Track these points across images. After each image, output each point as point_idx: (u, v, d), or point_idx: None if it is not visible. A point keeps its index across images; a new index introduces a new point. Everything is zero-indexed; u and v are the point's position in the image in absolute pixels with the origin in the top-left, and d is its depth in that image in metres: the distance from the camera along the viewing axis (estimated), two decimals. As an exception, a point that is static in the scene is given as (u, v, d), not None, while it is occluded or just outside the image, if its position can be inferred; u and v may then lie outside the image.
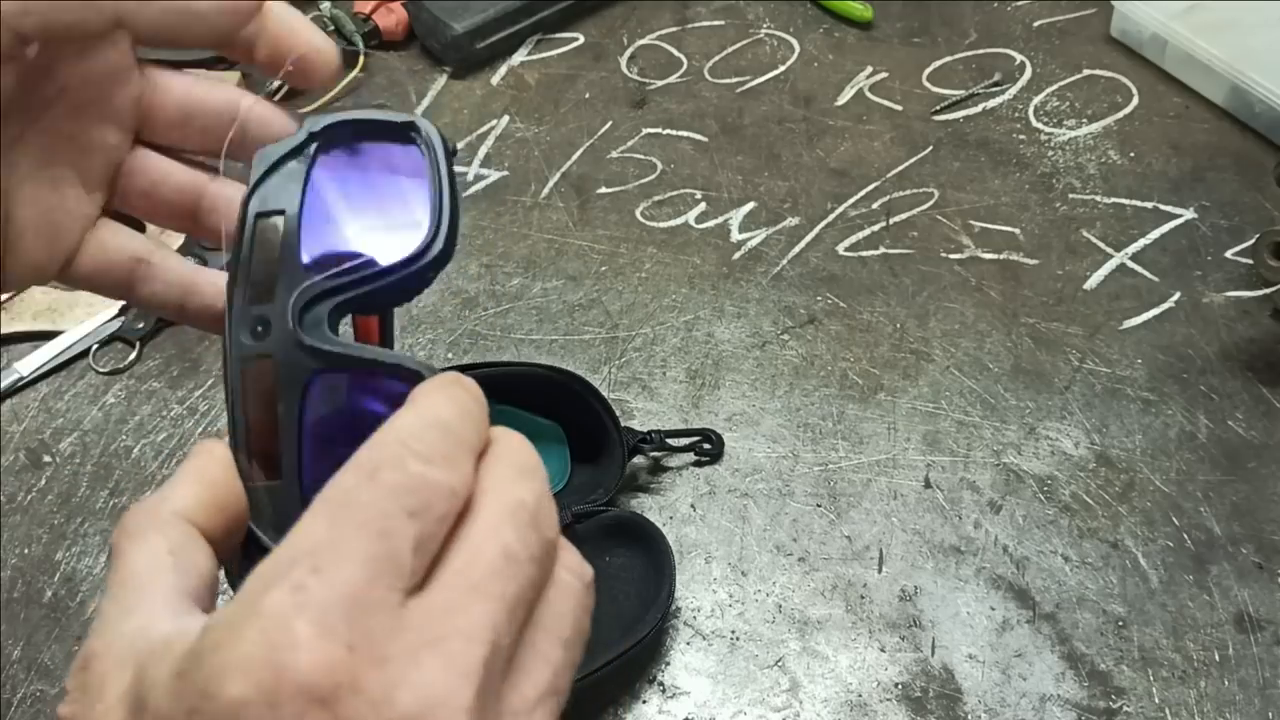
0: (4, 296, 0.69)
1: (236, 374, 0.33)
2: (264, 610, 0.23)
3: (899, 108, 0.81)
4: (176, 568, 0.28)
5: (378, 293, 0.33)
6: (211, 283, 0.38)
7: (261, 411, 0.33)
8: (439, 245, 0.33)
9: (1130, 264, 0.70)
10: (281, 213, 0.34)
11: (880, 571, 0.57)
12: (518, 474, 0.28)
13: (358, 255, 0.33)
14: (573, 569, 0.29)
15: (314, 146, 0.35)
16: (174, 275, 0.38)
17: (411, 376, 0.31)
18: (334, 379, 0.32)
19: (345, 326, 0.34)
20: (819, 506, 0.59)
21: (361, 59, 0.84)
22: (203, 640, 0.24)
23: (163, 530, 0.29)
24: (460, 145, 0.79)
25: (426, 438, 0.27)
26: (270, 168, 0.35)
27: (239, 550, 0.32)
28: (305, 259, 0.33)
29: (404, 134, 0.35)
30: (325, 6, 0.85)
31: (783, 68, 0.84)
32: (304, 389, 0.32)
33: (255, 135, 0.37)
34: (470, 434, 0.29)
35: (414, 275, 0.33)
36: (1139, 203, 0.73)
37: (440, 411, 0.28)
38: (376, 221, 0.34)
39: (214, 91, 0.37)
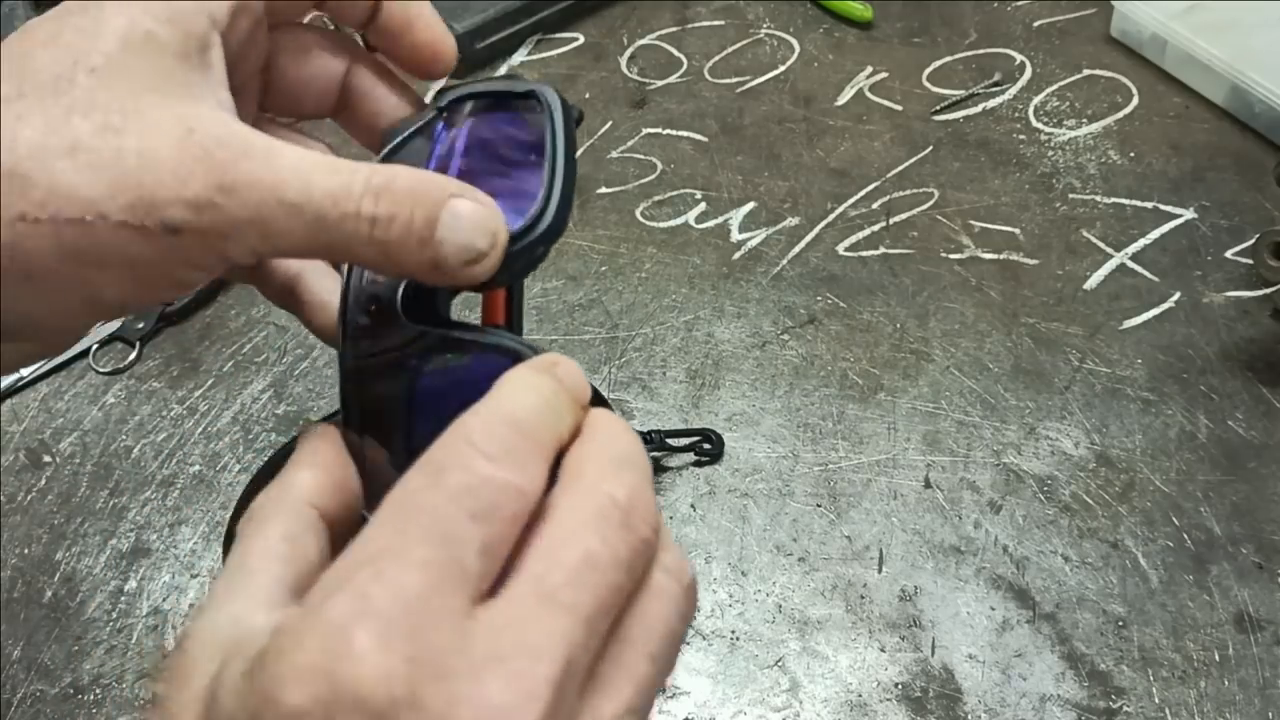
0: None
1: (350, 354, 0.32)
2: (326, 617, 0.23)
3: (899, 108, 0.81)
4: (287, 556, 0.28)
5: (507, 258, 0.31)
6: (318, 282, 0.36)
7: (374, 392, 0.32)
8: (548, 219, 0.32)
9: (1130, 264, 0.70)
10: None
11: (880, 571, 0.57)
12: (610, 465, 0.27)
13: None
14: (672, 570, 0.27)
15: (439, 123, 0.34)
16: (321, 296, 0.36)
17: (509, 358, 0.30)
18: (442, 359, 0.32)
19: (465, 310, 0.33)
20: (819, 506, 0.59)
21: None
22: (270, 643, 0.24)
23: (282, 516, 0.29)
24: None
25: (496, 434, 0.26)
26: (395, 146, 0.34)
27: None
28: None
29: (527, 103, 0.34)
30: (325, 6, 0.85)
31: (783, 68, 0.84)
32: (413, 371, 0.32)
33: (363, 108, 0.36)
34: (549, 426, 0.27)
35: (524, 250, 0.32)
36: (1139, 203, 0.73)
37: (517, 403, 0.27)
38: (494, 195, 0.33)
39: (324, 60, 0.36)
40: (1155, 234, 0.71)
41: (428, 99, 0.35)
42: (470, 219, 0.30)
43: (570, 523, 0.26)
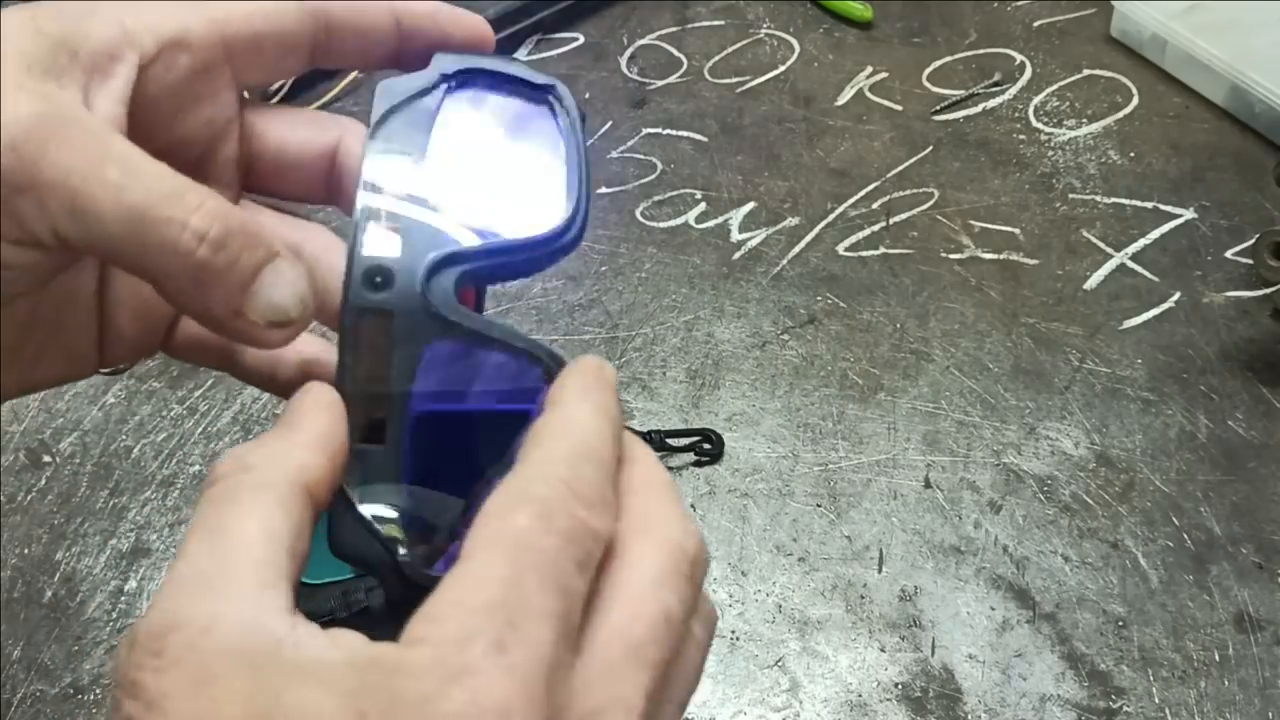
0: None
1: (351, 324, 0.31)
2: (471, 668, 0.23)
3: (899, 108, 0.81)
4: (289, 547, 0.26)
5: (502, 268, 0.31)
6: (297, 352, 0.34)
7: (371, 368, 0.31)
8: (576, 228, 0.31)
9: (1130, 264, 0.70)
10: (408, 155, 0.31)
11: (880, 571, 0.57)
12: (673, 506, 0.27)
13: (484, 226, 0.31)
14: (707, 621, 0.27)
15: (444, 90, 0.32)
16: (289, 359, 0.34)
17: (543, 364, 0.29)
18: (453, 349, 0.30)
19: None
20: (819, 506, 0.59)
21: (361, 59, 0.84)
22: (399, 685, 0.23)
23: (281, 494, 0.26)
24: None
25: (585, 475, 0.26)
26: (395, 106, 0.32)
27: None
28: (433, 203, 0.31)
29: (540, 96, 0.33)
30: (325, 6, 0.85)
31: (783, 68, 0.84)
32: (421, 355, 0.30)
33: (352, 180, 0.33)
34: (613, 454, 0.27)
35: (546, 256, 0.31)
36: (1139, 203, 0.73)
37: (592, 432, 0.27)
38: (504, 188, 0.32)
39: (312, 137, 0.34)
40: (1155, 234, 0.71)
41: (432, 64, 0.33)
42: (292, 282, 0.29)
43: (650, 575, 0.26)
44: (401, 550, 0.29)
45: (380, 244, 0.31)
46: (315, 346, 0.34)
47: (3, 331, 0.30)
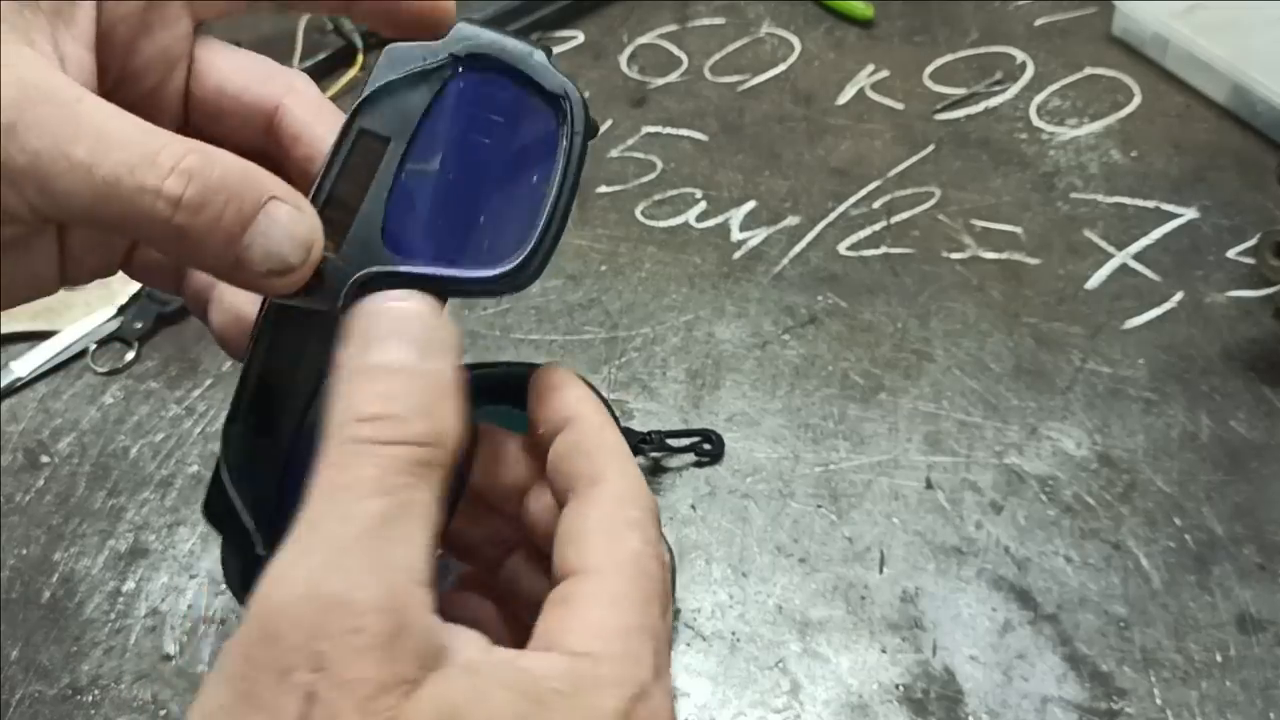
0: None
1: (268, 314, 0.31)
2: (647, 689, 0.26)
3: (900, 106, 0.80)
4: (433, 536, 0.26)
5: (439, 292, 0.30)
6: (233, 302, 0.34)
7: (279, 363, 0.31)
8: (530, 272, 0.30)
9: (1132, 264, 0.70)
10: (388, 141, 0.30)
11: (881, 572, 0.57)
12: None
13: (443, 253, 0.30)
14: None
15: (449, 72, 0.31)
16: (200, 283, 0.35)
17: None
18: None
19: None
20: (820, 507, 0.59)
21: (360, 58, 0.84)
22: (595, 701, 0.25)
23: (443, 480, 0.26)
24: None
25: (648, 504, 0.29)
26: (391, 82, 0.30)
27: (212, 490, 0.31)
28: (389, 225, 0.30)
29: (551, 99, 0.31)
30: (324, 5, 0.85)
31: (783, 66, 0.84)
32: (327, 365, 0.30)
33: (295, 138, 0.33)
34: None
35: (492, 290, 0.30)
36: (1141, 202, 0.73)
37: (632, 468, 0.30)
38: (473, 205, 0.31)
39: (253, 87, 0.33)
40: (1157, 233, 0.71)
41: (449, 35, 0.31)
42: (287, 228, 0.28)
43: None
44: (260, 547, 0.30)
45: (328, 237, 0.30)
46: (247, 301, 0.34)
47: None
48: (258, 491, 0.31)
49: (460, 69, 0.31)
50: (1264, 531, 0.57)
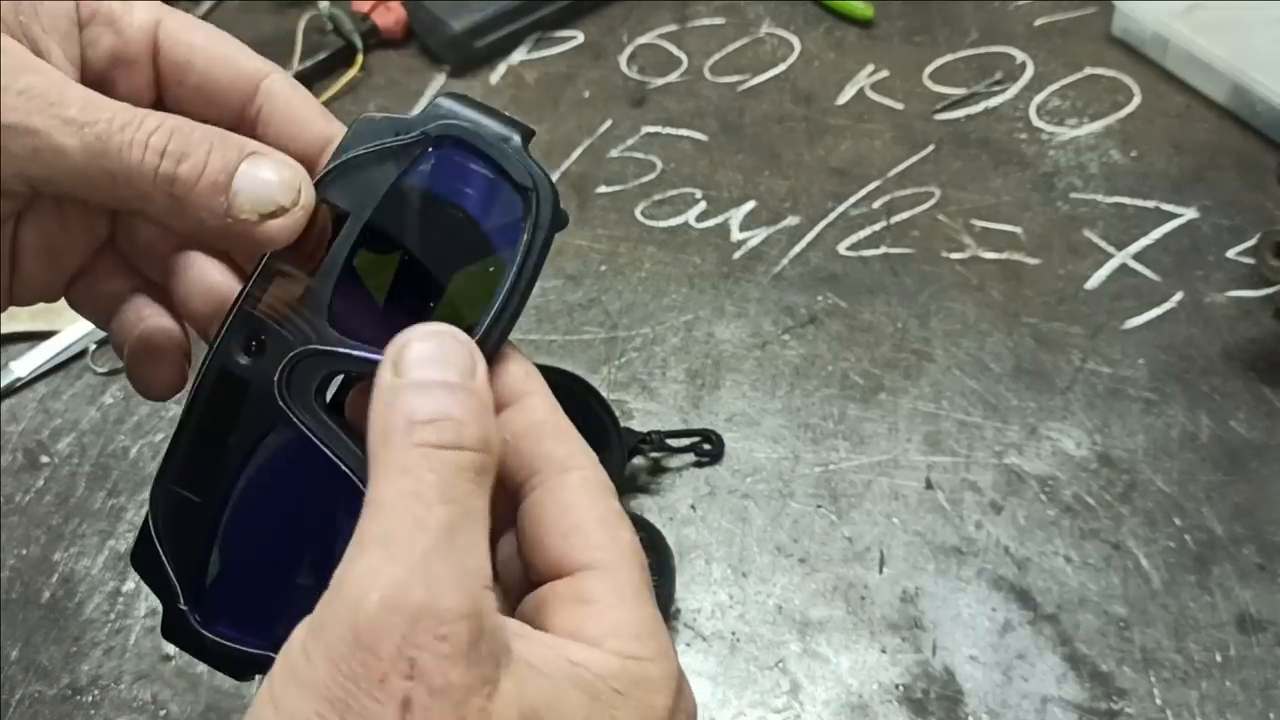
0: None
1: (209, 374, 0.31)
2: (683, 682, 0.28)
3: (900, 106, 0.80)
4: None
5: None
6: (163, 345, 0.35)
7: (213, 420, 0.31)
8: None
9: (1132, 264, 0.70)
10: (346, 215, 0.30)
11: (881, 572, 0.57)
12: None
13: (389, 334, 0.28)
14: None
15: (419, 150, 0.30)
16: (128, 319, 0.35)
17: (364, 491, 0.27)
18: (293, 437, 0.30)
19: None
20: (820, 507, 0.59)
21: (360, 58, 0.84)
22: (649, 699, 0.27)
23: (490, 488, 0.27)
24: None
25: None
26: (360, 154, 0.30)
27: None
28: (336, 302, 0.30)
29: (520, 189, 0.30)
30: (324, 6, 0.85)
31: (783, 66, 0.84)
32: (259, 438, 0.30)
33: (276, 130, 0.33)
34: None
35: None
36: (1141, 202, 0.73)
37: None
38: (424, 292, 0.30)
39: (231, 69, 0.33)
40: (1157, 233, 0.71)
41: (425, 100, 0.33)
42: (273, 169, 0.29)
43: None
44: (182, 601, 0.30)
45: (275, 304, 0.30)
46: (158, 318, 0.34)
47: None
48: (184, 548, 0.31)
49: (431, 148, 0.30)
50: (1264, 531, 0.57)
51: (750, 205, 0.74)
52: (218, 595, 0.31)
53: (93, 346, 0.68)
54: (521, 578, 0.30)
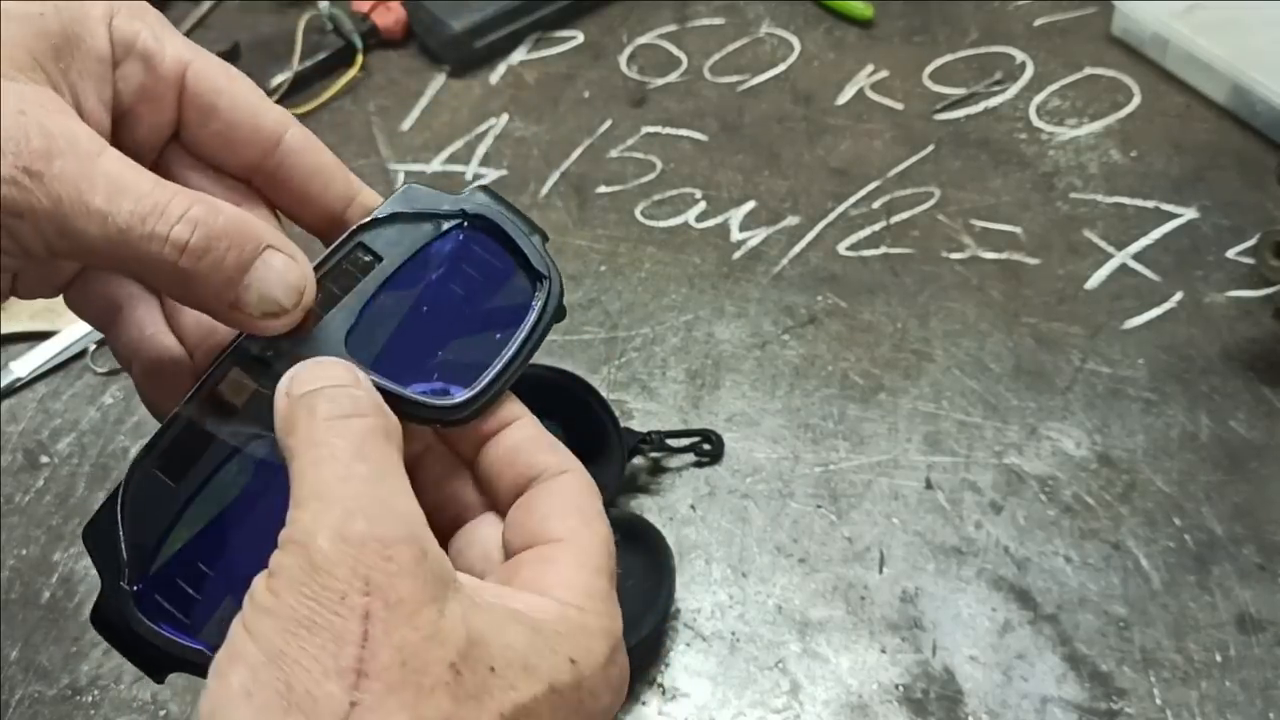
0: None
1: (219, 367, 0.32)
2: (620, 636, 0.31)
3: (900, 106, 0.80)
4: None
5: (390, 404, 0.31)
6: (155, 357, 0.36)
7: (210, 415, 0.32)
8: (468, 414, 0.33)
9: (1132, 264, 0.70)
10: (379, 260, 0.33)
11: (881, 572, 0.57)
12: None
13: (393, 370, 0.32)
14: None
15: (454, 224, 0.34)
16: (130, 334, 0.36)
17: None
18: (274, 448, 0.31)
19: None
20: (819, 507, 0.59)
21: (359, 58, 0.84)
22: (588, 643, 0.29)
23: (399, 448, 0.30)
24: (459, 144, 0.79)
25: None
26: (402, 214, 0.34)
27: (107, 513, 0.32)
28: (354, 331, 0.32)
29: (534, 276, 0.34)
30: (324, 5, 0.85)
31: (783, 66, 0.84)
32: (250, 438, 0.32)
33: (299, 186, 0.35)
34: None
35: (427, 417, 0.32)
36: (1140, 202, 0.73)
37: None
38: (438, 344, 0.33)
39: (253, 119, 0.34)
40: (1157, 233, 0.71)
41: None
42: (281, 273, 0.31)
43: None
44: (126, 580, 0.31)
45: (291, 330, 0.32)
46: (163, 337, 0.36)
47: None
48: (143, 529, 0.32)
49: (464, 223, 0.34)
50: (1264, 531, 0.57)
51: (750, 205, 0.74)
52: (162, 583, 0.31)
53: (93, 346, 0.68)
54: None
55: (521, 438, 0.33)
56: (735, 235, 0.73)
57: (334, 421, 0.29)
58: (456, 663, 0.26)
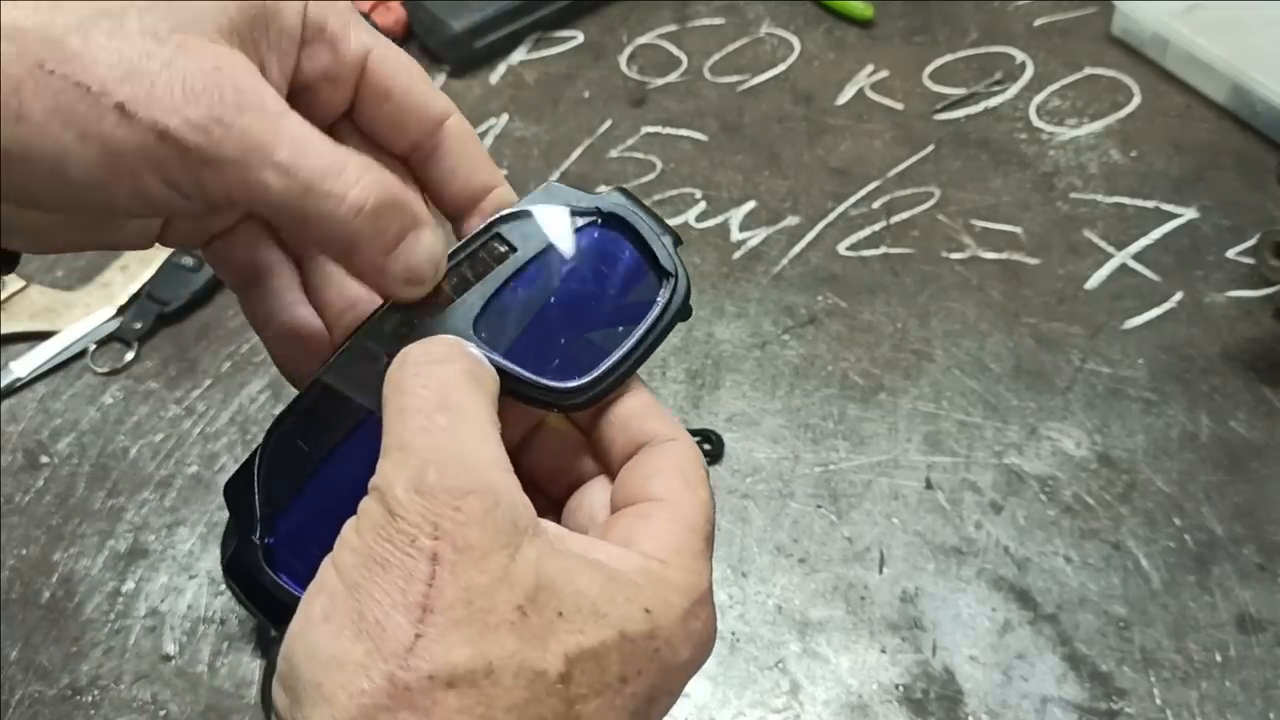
0: (3, 295, 0.69)
1: (358, 340, 0.34)
2: (707, 597, 0.32)
3: (900, 106, 0.80)
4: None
5: (507, 385, 0.33)
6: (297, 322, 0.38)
7: (346, 381, 0.34)
8: (585, 398, 0.34)
9: (1132, 264, 0.70)
10: (513, 250, 0.35)
11: (881, 572, 0.57)
12: None
13: (515, 354, 0.33)
14: None
15: (590, 219, 0.36)
16: (269, 300, 0.38)
17: None
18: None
19: None
20: (819, 507, 0.59)
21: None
22: (668, 596, 0.30)
23: (492, 392, 0.32)
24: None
25: None
26: (541, 208, 0.35)
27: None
28: (483, 314, 0.34)
29: (662, 274, 0.35)
30: (324, 5, 0.85)
31: (783, 66, 0.84)
32: (366, 422, 0.33)
33: (450, 168, 0.37)
34: None
35: (547, 399, 0.34)
36: (1140, 202, 0.73)
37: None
38: (561, 334, 0.35)
39: (422, 103, 0.37)
40: (1157, 233, 0.71)
41: (603, 190, 0.37)
42: (428, 247, 0.33)
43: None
44: (258, 535, 0.33)
45: (426, 304, 0.34)
46: (300, 307, 0.38)
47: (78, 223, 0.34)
48: (276, 489, 0.33)
49: (599, 220, 0.36)
50: (1264, 531, 0.57)
51: (750, 205, 0.74)
52: (288, 540, 0.33)
53: (93, 346, 0.68)
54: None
55: (634, 406, 0.35)
56: (735, 235, 0.73)
57: (422, 368, 0.31)
58: (523, 605, 0.27)
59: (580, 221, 0.36)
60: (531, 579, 0.28)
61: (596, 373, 0.34)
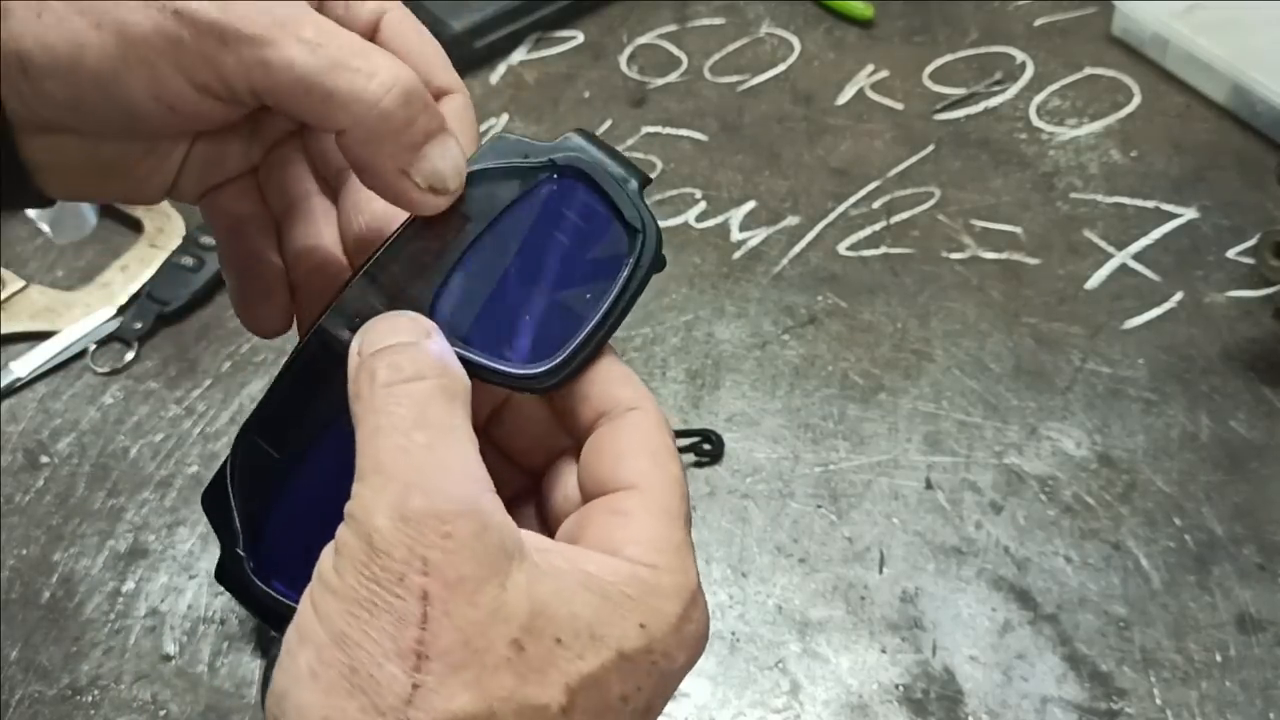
0: (3, 295, 0.69)
1: (313, 345, 0.32)
2: (698, 599, 0.31)
3: (900, 106, 0.80)
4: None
5: (470, 371, 0.31)
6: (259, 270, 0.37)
7: (303, 387, 0.32)
8: (554, 381, 0.32)
9: (1132, 264, 0.70)
10: (467, 220, 0.32)
11: (881, 573, 0.57)
12: None
13: (478, 336, 0.32)
14: None
15: (543, 177, 0.33)
16: (298, 236, 0.37)
17: None
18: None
19: None
20: (819, 507, 0.59)
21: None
22: (660, 605, 0.29)
23: (466, 406, 0.30)
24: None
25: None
26: (489, 170, 0.33)
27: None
28: (439, 298, 0.32)
29: (629, 229, 0.33)
30: (324, 5, 0.85)
31: (783, 66, 0.84)
32: (336, 416, 0.31)
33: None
34: None
35: (511, 384, 0.32)
36: (1141, 202, 0.73)
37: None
38: (526, 307, 0.33)
39: (427, 75, 0.35)
40: (1157, 233, 0.71)
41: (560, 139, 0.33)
42: (455, 155, 0.32)
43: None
44: (241, 546, 0.32)
45: (380, 291, 0.32)
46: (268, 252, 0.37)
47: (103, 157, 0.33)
48: (252, 497, 0.32)
49: (555, 175, 0.33)
50: (1264, 531, 0.57)
51: (750, 205, 0.74)
52: (273, 548, 0.32)
53: (93, 346, 0.68)
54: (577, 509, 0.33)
55: (595, 371, 0.33)
56: (735, 235, 0.73)
57: (394, 387, 0.29)
58: (520, 638, 0.26)
59: (536, 177, 0.33)
60: (525, 608, 0.26)
61: (565, 353, 0.32)
